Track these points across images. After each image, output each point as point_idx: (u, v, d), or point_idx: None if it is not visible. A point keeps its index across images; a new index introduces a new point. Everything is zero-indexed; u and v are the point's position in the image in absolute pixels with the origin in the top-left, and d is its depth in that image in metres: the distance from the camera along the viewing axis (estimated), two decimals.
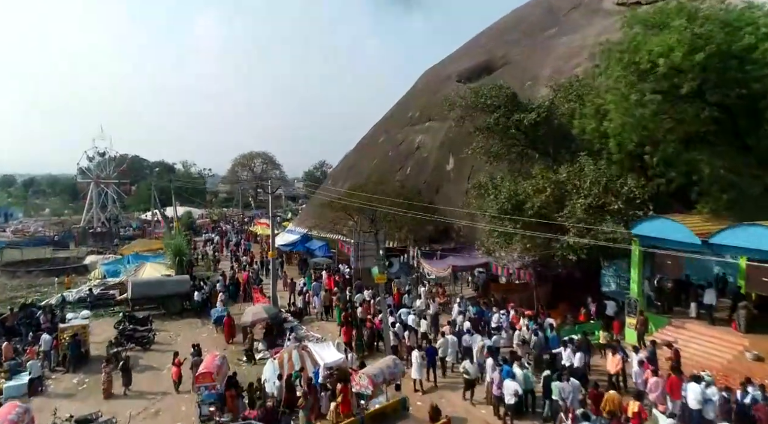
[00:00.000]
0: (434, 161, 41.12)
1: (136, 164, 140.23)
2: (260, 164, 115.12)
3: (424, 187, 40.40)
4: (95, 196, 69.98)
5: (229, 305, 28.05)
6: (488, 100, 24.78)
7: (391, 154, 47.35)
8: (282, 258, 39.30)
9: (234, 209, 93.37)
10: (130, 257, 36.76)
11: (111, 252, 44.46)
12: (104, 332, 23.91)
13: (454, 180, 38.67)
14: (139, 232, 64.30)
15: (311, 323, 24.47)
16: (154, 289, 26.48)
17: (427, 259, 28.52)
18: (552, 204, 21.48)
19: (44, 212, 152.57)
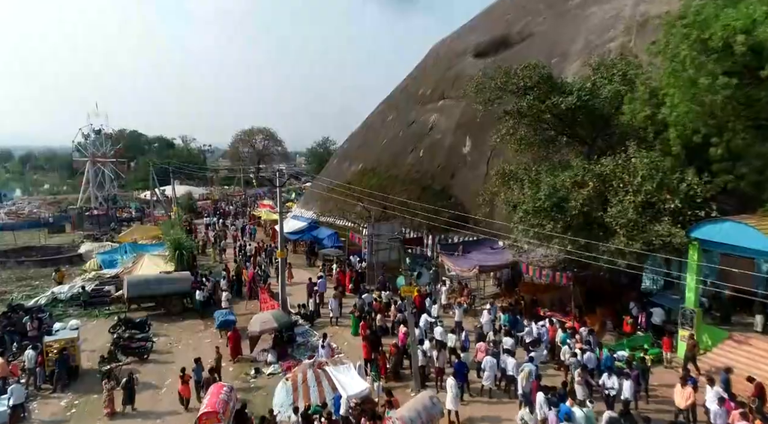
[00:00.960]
0: (449, 144, 38.52)
1: (134, 139, 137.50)
2: (261, 140, 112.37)
3: (438, 172, 37.93)
4: (92, 176, 67.50)
5: (234, 302, 26.10)
6: (521, 81, 22.09)
7: (402, 135, 44.68)
8: (287, 247, 37.20)
9: (236, 188, 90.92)
10: (128, 246, 34.57)
11: (108, 238, 42.24)
12: (98, 338, 21.88)
13: (471, 165, 36.17)
14: (138, 213, 62.06)
15: (324, 328, 22.34)
16: (152, 288, 24.34)
17: (448, 255, 26.26)
18: (594, 201, 19.12)
19: (43, 187, 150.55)
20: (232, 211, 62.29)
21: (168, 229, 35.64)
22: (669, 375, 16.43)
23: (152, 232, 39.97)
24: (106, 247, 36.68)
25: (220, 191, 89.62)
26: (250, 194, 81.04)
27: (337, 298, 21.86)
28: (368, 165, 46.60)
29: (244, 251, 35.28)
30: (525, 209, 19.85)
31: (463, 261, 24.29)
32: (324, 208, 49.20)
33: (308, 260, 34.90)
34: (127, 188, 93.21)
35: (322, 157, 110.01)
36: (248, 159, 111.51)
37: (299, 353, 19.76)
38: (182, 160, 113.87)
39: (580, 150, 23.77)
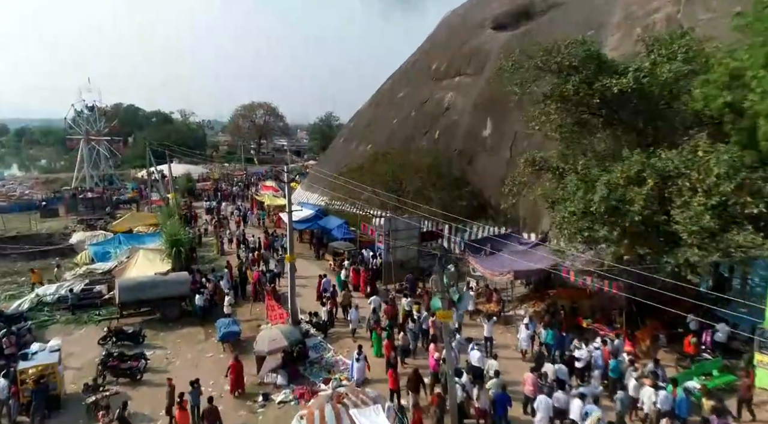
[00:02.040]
0: (467, 125, 35.63)
1: (131, 114, 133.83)
2: (262, 115, 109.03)
3: (456, 156, 35.14)
4: (86, 155, 64.52)
5: (237, 305, 23.71)
6: (565, 59, 19.12)
7: (415, 115, 41.68)
8: None
9: (237, 166, 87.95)
10: (122, 237, 32.07)
11: (102, 226, 39.64)
12: (86, 351, 19.54)
13: (492, 149, 33.36)
14: (135, 193, 59.33)
15: (340, 341, 19.95)
16: (146, 291, 21.87)
17: (474, 255, 23.71)
18: (653, 202, 16.44)
19: (40, 163, 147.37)
20: (235, 192, 59.43)
21: (165, 219, 33.06)
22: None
23: (148, 219, 37.42)
24: (99, 236, 34.15)
25: (221, 169, 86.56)
26: (252, 173, 78.16)
27: (357, 308, 19.31)
28: (377, 147, 43.69)
29: (247, 243, 32.63)
30: (571, 210, 17.14)
31: (493, 263, 21.72)
32: (331, 192, 46.56)
33: (316, 252, 32.35)
34: (124, 166, 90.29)
35: (326, 133, 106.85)
36: (248, 134, 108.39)
37: (313, 373, 17.42)
38: (181, 136, 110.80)
39: (627, 139, 20.97)
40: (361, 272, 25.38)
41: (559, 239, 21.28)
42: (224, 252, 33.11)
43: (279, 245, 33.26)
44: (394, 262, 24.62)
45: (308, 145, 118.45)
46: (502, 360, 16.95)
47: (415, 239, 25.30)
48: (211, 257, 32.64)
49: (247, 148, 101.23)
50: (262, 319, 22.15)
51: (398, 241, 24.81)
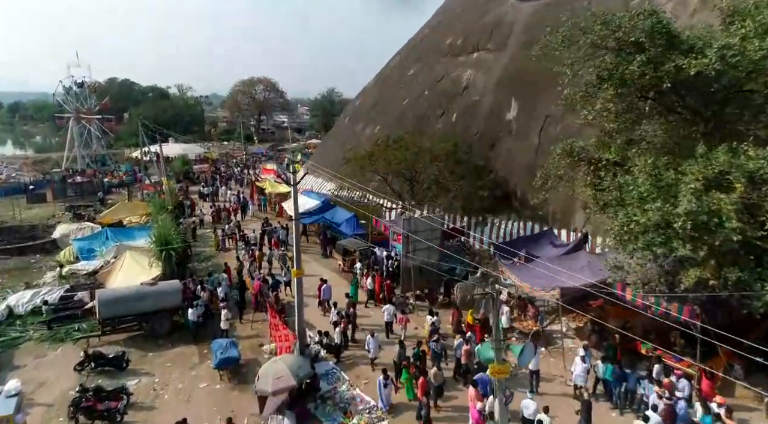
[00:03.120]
0: (489, 107, 32.25)
1: (126, 89, 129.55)
2: (262, 91, 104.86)
3: (476, 141, 31.87)
4: (77, 134, 61.09)
5: (236, 316, 20.90)
6: (629, 34, 15.78)
7: (428, 94, 38.20)
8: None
9: (236, 145, 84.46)
10: (109, 232, 29.08)
11: (89, 217, 36.67)
12: (60, 379, 16.79)
13: (518, 133, 30.09)
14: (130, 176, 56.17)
15: (356, 368, 17.14)
16: (131, 305, 18.99)
17: (505, 260, 20.73)
18: (745, 212, 13.39)
19: (34, 139, 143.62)
20: (234, 174, 56.12)
21: (157, 211, 30.05)
22: None
23: (140, 209, 34.37)
24: (85, 230, 31.15)
25: (219, 148, 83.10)
26: (251, 153, 74.79)
27: (374, 336, 16.38)
28: (387, 129, 40.31)
29: (246, 239, 29.60)
30: (642, 222, 14.06)
31: (531, 273, 18.71)
32: (337, 177, 43.34)
33: (323, 249, 29.37)
34: (119, 144, 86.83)
35: (327, 110, 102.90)
36: (248, 111, 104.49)
37: (326, 414, 14.68)
38: (178, 112, 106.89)
39: (688, 129, 17.79)
40: (377, 278, 22.46)
41: (612, 247, 18.42)
42: (225, 247, 30.11)
43: (277, 237, 30.42)
44: (413, 267, 21.66)
45: (309, 122, 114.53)
46: (549, 399, 14.25)
47: (437, 241, 22.30)
48: (208, 254, 29.74)
49: (247, 125, 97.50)
50: (264, 335, 19.39)
51: (419, 243, 21.78)
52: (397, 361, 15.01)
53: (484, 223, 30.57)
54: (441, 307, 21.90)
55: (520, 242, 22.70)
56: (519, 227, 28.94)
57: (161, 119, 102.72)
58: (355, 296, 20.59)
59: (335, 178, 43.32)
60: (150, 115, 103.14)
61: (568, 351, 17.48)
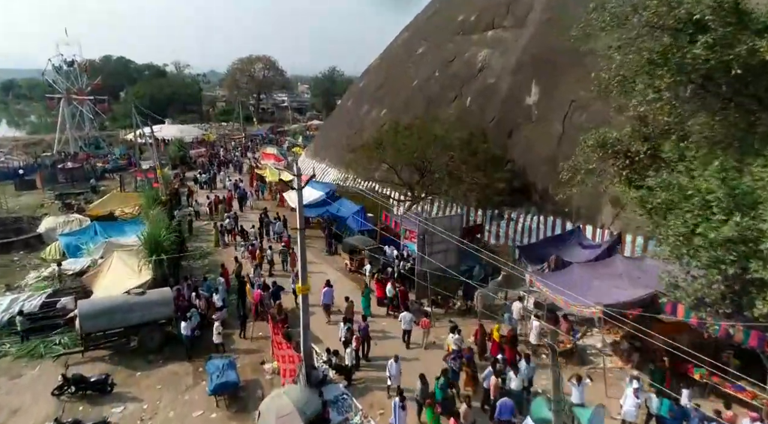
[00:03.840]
0: (507, 90, 29.83)
1: (121, 67, 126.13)
2: (261, 70, 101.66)
3: (492, 127, 29.52)
4: (68, 116, 58.52)
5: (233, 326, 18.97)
6: (691, 12, 13.41)
7: (439, 75, 35.68)
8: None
9: (234, 125, 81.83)
10: (98, 226, 27.00)
11: (78, 207, 34.57)
12: (36, 404, 14.91)
13: (539, 120, 27.76)
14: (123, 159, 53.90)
15: (370, 394, 15.20)
16: (116, 318, 17.00)
17: (534, 269, 18.68)
18: None
19: (29, 118, 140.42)
20: (233, 159, 53.73)
21: (149, 204, 27.94)
22: None
23: (131, 200, 32.21)
24: (72, 223, 29.07)
25: (217, 129, 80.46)
26: (251, 135, 72.23)
27: (397, 360, 14.37)
28: (394, 112, 37.94)
29: (245, 234, 27.47)
30: (711, 238, 11.90)
31: (564, 281, 16.62)
32: (340, 161, 41.11)
33: (328, 246, 27.30)
34: (113, 126, 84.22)
35: (329, 90, 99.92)
36: (247, 90, 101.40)
37: None
38: (175, 91, 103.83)
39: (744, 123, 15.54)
40: (394, 284, 20.43)
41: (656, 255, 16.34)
42: (225, 243, 28.01)
43: (274, 230, 28.46)
44: (430, 273, 19.60)
45: (310, 101, 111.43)
46: None
47: (444, 244, 20.20)
48: (206, 250, 27.66)
49: (246, 105, 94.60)
50: (266, 349, 17.50)
51: (436, 244, 19.72)
52: (420, 399, 13.04)
53: (501, 216, 28.48)
54: (459, 314, 19.98)
55: (547, 244, 20.57)
56: (539, 221, 26.84)
57: (158, 99, 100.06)
58: (367, 309, 18.53)
59: (340, 165, 41.21)
60: (146, 94, 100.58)
61: (608, 372, 15.56)
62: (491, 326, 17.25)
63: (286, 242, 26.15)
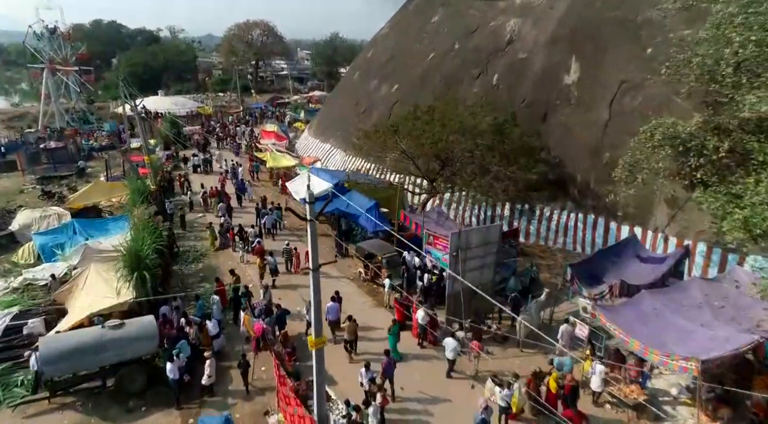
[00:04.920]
0: (541, 67, 26.13)
1: (112, 33, 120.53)
2: (259, 36, 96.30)
3: (523, 110, 25.95)
4: (53, 88, 54.44)
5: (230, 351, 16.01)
6: None
7: (459, 48, 31.79)
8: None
9: (231, 96, 77.52)
10: (77, 225, 23.77)
11: (58, 197, 31.25)
12: None
13: (579, 102, 24.20)
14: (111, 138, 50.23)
15: None
16: (88, 359, 13.96)
17: (589, 289, 15.54)
18: None
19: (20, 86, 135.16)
20: (236, 133, 49.85)
21: (135, 199, 24.66)
22: None
23: (116, 190, 28.87)
24: (50, 219, 25.81)
25: (214, 101, 76.17)
26: (249, 108, 68.10)
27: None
28: (407, 88, 34.30)
29: (244, 235, 24.11)
30: None
31: (637, 320, 13.49)
32: (346, 143, 37.57)
33: (338, 247, 24.11)
34: (106, 95, 79.85)
35: (331, 58, 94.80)
36: (244, 58, 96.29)
37: None
38: (169, 59, 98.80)
39: None
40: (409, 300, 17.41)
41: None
42: (223, 244, 24.75)
43: (271, 222, 25.57)
44: (464, 292, 16.49)
45: (311, 70, 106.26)
46: None
47: (492, 256, 17.05)
48: (201, 250, 24.52)
49: (244, 73, 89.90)
50: (270, 393, 14.56)
51: (471, 260, 16.56)
52: None
53: (532, 212, 25.26)
54: (495, 342, 16.95)
55: (601, 257, 17.36)
56: (577, 219, 23.67)
57: (151, 67, 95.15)
58: (396, 352, 15.42)
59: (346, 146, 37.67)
60: (139, 62, 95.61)
61: None
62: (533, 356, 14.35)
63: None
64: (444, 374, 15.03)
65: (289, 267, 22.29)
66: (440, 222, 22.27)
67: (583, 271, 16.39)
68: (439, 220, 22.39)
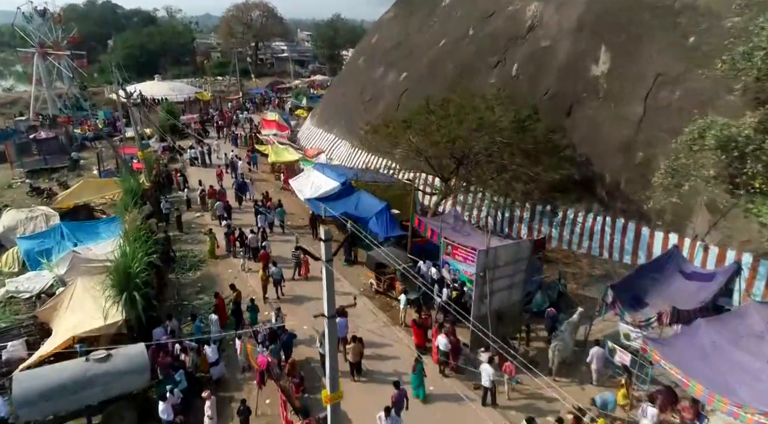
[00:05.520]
0: (565, 57, 24.10)
1: (108, 13, 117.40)
2: (258, 17, 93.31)
3: (546, 103, 23.99)
4: (44, 73, 52.19)
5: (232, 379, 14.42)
6: None
7: (474, 34, 29.65)
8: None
9: (230, 80, 75.06)
10: (64, 229, 22.04)
11: (48, 193, 29.46)
12: None
13: (608, 96, 22.23)
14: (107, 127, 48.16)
15: None
16: (69, 398, 12.33)
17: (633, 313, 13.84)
18: None
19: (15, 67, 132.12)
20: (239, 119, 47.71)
21: (126, 200, 22.86)
22: None
23: (107, 188, 27.04)
24: (37, 220, 24.07)
25: (212, 85, 73.74)
26: (249, 93, 65.78)
27: None
28: (416, 76, 32.29)
29: (244, 240, 22.28)
30: None
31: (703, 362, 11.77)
32: (351, 133, 35.63)
33: (347, 253, 22.31)
34: (101, 79, 77.37)
35: (333, 41, 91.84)
36: (243, 39, 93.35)
37: None
38: (166, 41, 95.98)
39: None
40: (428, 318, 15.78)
41: None
42: (230, 250, 22.69)
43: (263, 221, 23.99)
44: (491, 313, 14.83)
45: (312, 52, 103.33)
46: None
47: (522, 273, 15.35)
48: (199, 255, 22.81)
49: (243, 56, 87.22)
50: None
51: (498, 280, 14.85)
52: None
53: (554, 213, 23.46)
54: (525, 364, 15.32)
55: (642, 275, 15.62)
56: (604, 223, 21.90)
57: (148, 49, 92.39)
58: (420, 390, 13.70)
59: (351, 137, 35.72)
60: (135, 44, 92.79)
61: None
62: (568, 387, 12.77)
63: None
64: (470, 412, 13.42)
65: (297, 274, 20.69)
66: (457, 227, 20.50)
67: (625, 291, 14.68)
68: (456, 225, 20.62)
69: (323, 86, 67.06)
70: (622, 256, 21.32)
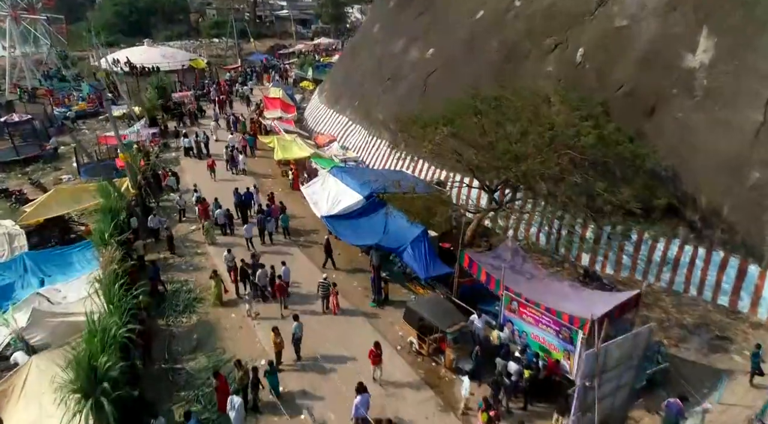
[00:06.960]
0: (648, 41, 19.11)
1: None
2: None
3: (619, 100, 19.22)
4: (18, 39, 46.66)
5: None
6: None
7: (521, 6, 24.44)
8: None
9: (228, 43, 68.96)
10: (28, 261, 17.79)
11: (17, 196, 25.01)
12: None
13: (710, 94, 17.46)
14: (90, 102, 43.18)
15: None
16: None
17: None
18: None
19: None
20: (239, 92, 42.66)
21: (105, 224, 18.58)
22: None
23: (83, 198, 22.47)
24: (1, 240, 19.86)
25: (208, 49, 67.74)
26: (248, 60, 60.09)
27: None
28: (447, 54, 27.33)
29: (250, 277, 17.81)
30: None
31: None
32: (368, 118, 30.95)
33: (377, 292, 17.95)
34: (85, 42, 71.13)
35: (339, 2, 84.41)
36: None
37: None
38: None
39: None
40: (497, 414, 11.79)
41: None
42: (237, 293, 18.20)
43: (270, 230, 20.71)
44: None
45: (315, 10, 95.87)
46: None
47: (633, 371, 11.25)
48: (195, 292, 18.57)
49: (241, 15, 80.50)
50: None
51: (606, 384, 10.77)
52: None
53: (626, 236, 19.08)
54: None
55: None
56: (695, 255, 17.68)
57: (137, 8, 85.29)
58: None
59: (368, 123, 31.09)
60: (124, 0, 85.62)
61: None
62: None
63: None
64: None
65: (326, 306, 16.79)
66: (517, 266, 16.31)
67: None
68: (514, 262, 16.38)
69: (328, 51, 61.32)
70: (716, 295, 17.27)
